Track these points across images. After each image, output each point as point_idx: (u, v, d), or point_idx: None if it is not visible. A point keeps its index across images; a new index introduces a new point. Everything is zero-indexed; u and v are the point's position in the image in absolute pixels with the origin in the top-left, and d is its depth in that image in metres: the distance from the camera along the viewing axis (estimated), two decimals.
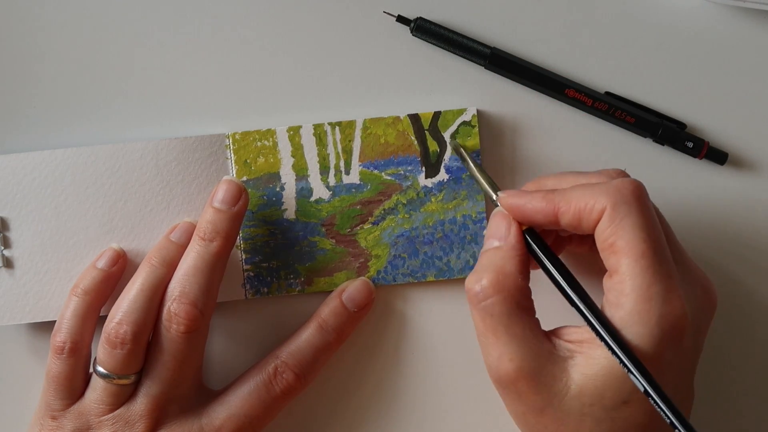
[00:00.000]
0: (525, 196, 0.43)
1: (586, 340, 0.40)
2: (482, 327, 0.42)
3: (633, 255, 0.39)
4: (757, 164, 0.50)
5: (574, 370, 0.40)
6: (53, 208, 0.49)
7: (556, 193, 0.42)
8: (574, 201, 0.41)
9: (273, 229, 0.49)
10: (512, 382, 0.41)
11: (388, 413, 0.50)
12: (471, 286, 0.42)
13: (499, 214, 0.44)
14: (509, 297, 0.41)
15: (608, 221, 0.40)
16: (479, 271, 0.42)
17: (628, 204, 0.40)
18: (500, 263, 0.42)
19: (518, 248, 0.42)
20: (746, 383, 0.50)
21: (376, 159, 0.49)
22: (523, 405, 0.41)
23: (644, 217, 0.40)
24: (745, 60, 0.50)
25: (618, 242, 0.40)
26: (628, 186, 0.41)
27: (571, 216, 0.41)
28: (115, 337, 0.44)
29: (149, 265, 0.46)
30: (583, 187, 0.42)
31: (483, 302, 0.41)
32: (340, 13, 0.50)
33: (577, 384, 0.40)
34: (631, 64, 0.50)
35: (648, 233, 0.40)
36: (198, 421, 0.46)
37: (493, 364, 0.41)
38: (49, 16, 0.50)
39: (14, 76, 0.50)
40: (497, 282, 0.41)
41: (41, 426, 0.46)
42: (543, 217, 0.42)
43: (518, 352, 0.40)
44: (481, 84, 0.49)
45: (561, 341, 0.41)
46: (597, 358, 0.40)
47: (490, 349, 0.41)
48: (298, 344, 0.48)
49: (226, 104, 0.50)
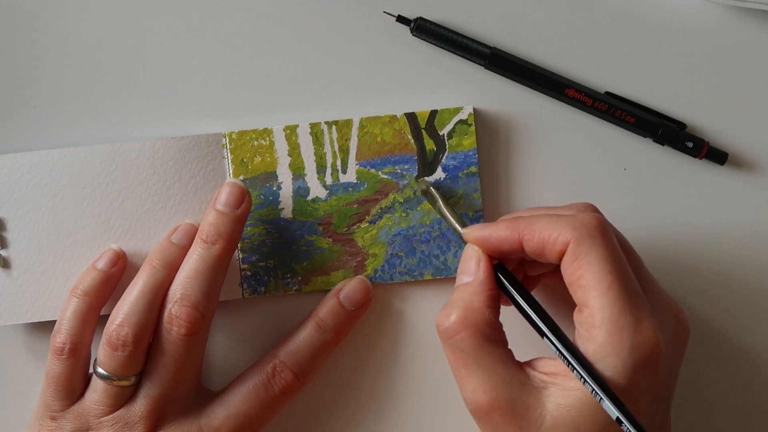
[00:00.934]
0: (489, 228, 0.44)
1: (560, 372, 0.41)
2: (453, 361, 0.43)
3: (600, 288, 0.40)
4: (757, 164, 0.51)
5: (548, 400, 0.41)
6: (50, 207, 0.49)
7: (520, 221, 0.43)
8: (537, 230, 0.42)
9: (270, 229, 0.50)
10: (487, 414, 0.42)
11: (386, 411, 0.51)
12: (441, 322, 0.43)
13: (468, 249, 0.45)
14: (477, 331, 0.42)
15: (573, 256, 0.41)
16: (449, 307, 0.43)
17: (592, 238, 0.41)
18: (468, 298, 0.43)
19: (487, 283, 0.43)
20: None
21: (372, 158, 0.50)
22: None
23: (608, 250, 0.41)
24: (745, 60, 0.50)
25: (584, 276, 0.41)
26: (592, 221, 0.42)
27: (535, 244, 0.42)
28: (116, 339, 0.45)
29: (150, 267, 0.47)
30: (548, 217, 0.43)
31: (452, 337, 0.42)
32: (339, 13, 0.50)
33: (552, 415, 0.40)
34: (631, 64, 0.50)
35: (613, 265, 0.41)
36: (197, 422, 0.46)
37: (468, 396, 0.42)
38: (47, 16, 0.50)
39: (13, 76, 0.50)
40: (465, 317, 0.42)
41: (40, 426, 0.46)
42: (509, 245, 0.43)
43: (490, 384, 0.41)
44: (481, 84, 0.50)
45: (535, 372, 0.42)
46: (571, 390, 0.40)
47: (464, 383, 0.42)
48: (296, 344, 0.48)
49: (223, 104, 0.50)
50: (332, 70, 0.50)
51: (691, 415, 0.50)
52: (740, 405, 0.51)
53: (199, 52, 0.50)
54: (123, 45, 0.50)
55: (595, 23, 0.50)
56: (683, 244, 0.50)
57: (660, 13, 0.50)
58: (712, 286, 0.51)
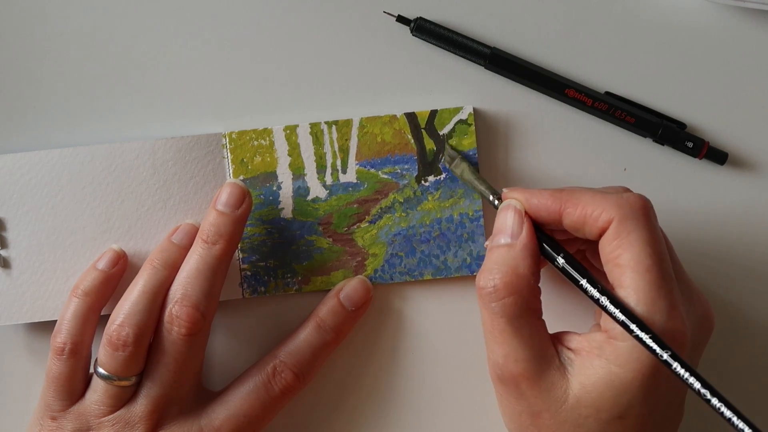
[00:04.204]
0: (530, 191, 0.44)
1: (585, 349, 0.42)
2: (490, 326, 0.43)
3: (638, 269, 0.41)
4: (757, 164, 0.52)
5: (573, 378, 0.42)
6: (50, 208, 0.51)
7: (563, 192, 0.44)
8: (581, 204, 0.43)
9: (270, 228, 0.51)
10: (515, 381, 0.43)
11: (386, 411, 0.52)
12: (484, 284, 0.43)
13: (510, 208, 0.44)
14: (521, 299, 0.42)
15: (614, 234, 0.42)
16: (491, 270, 0.43)
17: (636, 218, 0.42)
18: (513, 263, 0.43)
19: (531, 247, 0.43)
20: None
21: (372, 158, 0.51)
22: (521, 405, 0.43)
23: (650, 233, 0.42)
24: (745, 60, 0.51)
25: (623, 255, 0.41)
26: (637, 201, 0.42)
27: (576, 217, 0.43)
28: (116, 340, 0.46)
29: (151, 267, 0.48)
30: (593, 192, 0.43)
31: (494, 302, 0.42)
32: (339, 13, 0.51)
33: (575, 394, 0.42)
34: (631, 64, 0.51)
35: (654, 248, 0.41)
36: (197, 422, 0.48)
37: (498, 362, 0.43)
38: (47, 17, 0.51)
39: (13, 76, 0.51)
40: (510, 283, 0.42)
41: (41, 426, 0.47)
42: (548, 214, 0.43)
43: (524, 355, 0.42)
44: (481, 84, 0.51)
45: (562, 347, 0.43)
46: (595, 368, 0.41)
47: (497, 348, 0.43)
48: (297, 344, 0.50)
49: (223, 103, 0.51)
50: (332, 70, 0.51)
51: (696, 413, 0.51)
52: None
53: (199, 52, 0.51)
54: (123, 45, 0.51)
55: (595, 23, 0.51)
56: (683, 244, 0.51)
57: (660, 13, 0.51)
58: (712, 285, 0.52)
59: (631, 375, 0.41)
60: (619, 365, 0.41)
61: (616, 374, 0.41)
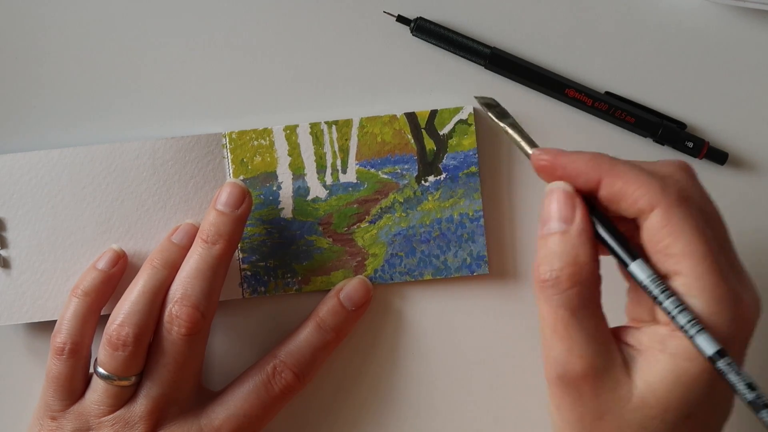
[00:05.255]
0: (566, 155, 0.41)
1: (645, 344, 0.40)
2: (552, 320, 0.40)
3: (695, 257, 0.38)
4: (757, 164, 0.52)
5: (637, 377, 0.39)
6: (50, 208, 0.51)
7: (605, 159, 0.40)
8: (623, 178, 0.40)
9: (270, 228, 0.52)
10: (576, 382, 0.40)
11: (385, 411, 0.53)
12: (544, 275, 0.40)
13: (560, 192, 0.41)
14: (585, 289, 0.39)
15: (662, 222, 0.39)
16: (550, 260, 0.40)
17: (685, 206, 0.39)
18: (573, 251, 0.40)
19: (588, 232, 0.40)
20: None
21: (372, 158, 0.51)
22: (582, 407, 0.40)
23: (700, 217, 0.39)
24: (745, 60, 0.52)
25: (675, 244, 0.39)
26: (681, 188, 0.40)
27: (615, 191, 0.40)
28: (116, 339, 0.46)
29: (151, 266, 0.48)
30: (639, 169, 0.40)
31: (557, 294, 0.39)
32: (340, 13, 0.52)
33: (640, 393, 0.39)
34: (631, 64, 0.52)
35: (706, 235, 0.39)
36: (197, 422, 0.48)
37: (559, 359, 0.40)
38: (47, 16, 0.52)
39: (13, 76, 0.52)
40: (573, 273, 0.39)
41: (41, 426, 0.48)
42: (584, 181, 0.40)
43: (589, 350, 0.39)
44: (481, 84, 0.51)
45: (622, 344, 0.41)
46: (660, 364, 0.39)
47: (558, 344, 0.40)
48: (297, 343, 0.50)
49: (223, 103, 0.52)
50: (332, 70, 0.52)
51: None
52: None
53: (199, 52, 0.52)
54: (123, 45, 0.52)
55: (595, 23, 0.51)
56: None
57: (660, 13, 0.51)
58: None
59: (701, 367, 0.38)
60: (686, 359, 0.39)
61: (684, 369, 0.39)
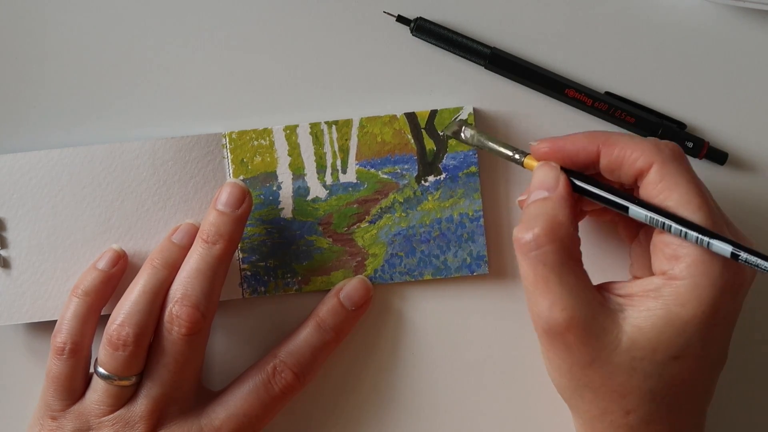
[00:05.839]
0: (562, 139, 0.45)
1: (636, 294, 0.43)
2: (533, 277, 0.43)
3: (691, 207, 0.42)
4: (757, 164, 0.52)
5: (625, 323, 0.42)
6: (50, 207, 0.51)
7: (598, 134, 0.44)
8: (619, 145, 0.43)
9: (270, 228, 0.52)
10: (562, 333, 0.42)
11: (386, 411, 0.53)
12: (521, 235, 0.43)
13: (543, 165, 0.45)
14: (562, 246, 0.43)
15: (659, 177, 0.43)
16: (529, 221, 0.43)
17: (678, 161, 0.43)
18: (551, 212, 0.43)
19: (568, 198, 0.44)
20: (745, 386, 0.53)
21: (372, 158, 0.52)
22: (570, 357, 0.43)
23: (692, 174, 0.43)
24: (745, 60, 0.52)
25: (671, 197, 0.42)
26: (675, 146, 0.44)
27: (614, 158, 0.44)
28: (116, 339, 0.47)
29: (151, 266, 0.48)
30: (630, 136, 0.44)
31: (535, 251, 0.43)
32: (339, 13, 0.52)
33: (629, 337, 0.42)
34: (631, 64, 0.52)
35: (700, 188, 0.43)
36: (197, 422, 0.48)
37: (543, 314, 0.43)
38: (47, 16, 0.52)
39: (13, 76, 0.52)
40: (550, 230, 0.43)
41: (41, 426, 0.48)
42: (585, 155, 0.44)
43: (570, 302, 0.42)
44: (481, 84, 0.52)
45: (610, 295, 0.44)
46: (651, 310, 0.42)
47: (540, 299, 0.43)
48: (297, 343, 0.50)
49: (223, 104, 0.52)
50: (332, 70, 0.52)
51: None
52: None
53: (199, 52, 0.52)
54: (123, 45, 0.52)
55: (595, 23, 0.52)
56: None
57: (660, 13, 0.51)
58: None
59: (692, 313, 0.41)
60: (679, 304, 0.42)
61: (675, 313, 0.41)
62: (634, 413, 0.43)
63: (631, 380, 0.42)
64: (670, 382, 0.42)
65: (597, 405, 0.43)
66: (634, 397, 0.42)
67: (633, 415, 0.43)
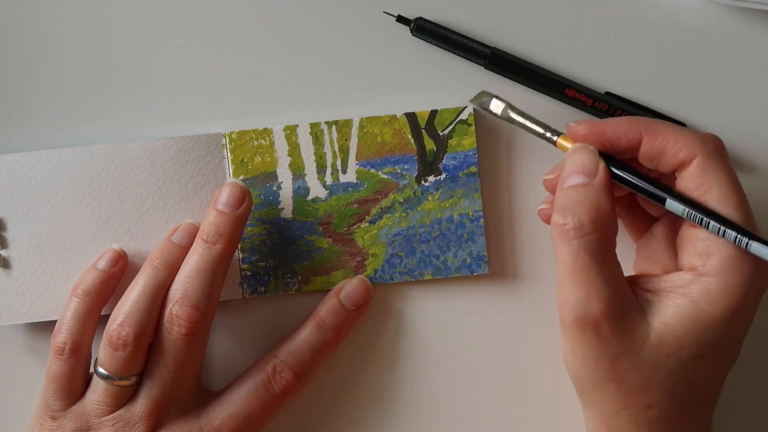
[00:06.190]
0: (605, 122, 0.44)
1: (665, 290, 0.43)
2: (572, 264, 0.42)
3: (730, 205, 0.42)
4: (757, 164, 0.52)
5: (653, 318, 0.42)
6: (50, 207, 0.51)
7: (641, 120, 0.44)
8: (662, 133, 0.43)
9: (270, 228, 0.52)
10: (595, 324, 0.42)
11: (386, 411, 0.53)
12: (565, 220, 0.42)
13: (582, 149, 0.44)
14: (606, 235, 0.42)
15: (700, 171, 0.42)
16: (571, 207, 0.42)
17: (720, 156, 0.43)
18: (595, 200, 0.42)
19: (609, 185, 0.43)
20: (749, 383, 0.53)
21: (372, 158, 0.52)
22: (599, 349, 0.42)
23: (732, 170, 0.43)
24: (745, 60, 0.52)
25: (712, 191, 0.42)
26: (717, 141, 0.43)
27: (657, 146, 0.43)
28: (116, 339, 0.47)
29: (151, 266, 0.48)
30: (673, 126, 0.44)
31: (579, 239, 0.42)
32: (339, 13, 0.52)
33: (657, 333, 0.42)
34: (631, 64, 0.52)
35: (739, 187, 0.43)
36: (197, 422, 0.48)
37: (578, 303, 0.42)
38: (47, 16, 0.52)
39: (13, 76, 0.52)
40: (595, 218, 0.42)
41: (41, 426, 0.48)
42: (627, 141, 0.44)
43: (608, 293, 0.42)
44: (481, 84, 0.51)
45: (638, 289, 0.44)
46: (679, 307, 0.42)
47: (577, 288, 0.42)
48: (297, 343, 0.50)
49: (223, 104, 0.52)
50: (332, 70, 0.52)
51: None
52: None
53: (199, 52, 0.52)
54: (123, 45, 0.52)
55: (595, 23, 0.52)
56: None
57: (660, 13, 0.52)
58: None
59: (720, 312, 0.42)
60: (708, 302, 0.42)
61: (703, 311, 0.42)
62: (655, 408, 0.43)
63: (655, 376, 0.42)
64: (692, 379, 0.43)
65: (619, 399, 0.43)
66: (656, 393, 0.42)
67: (653, 409, 0.43)
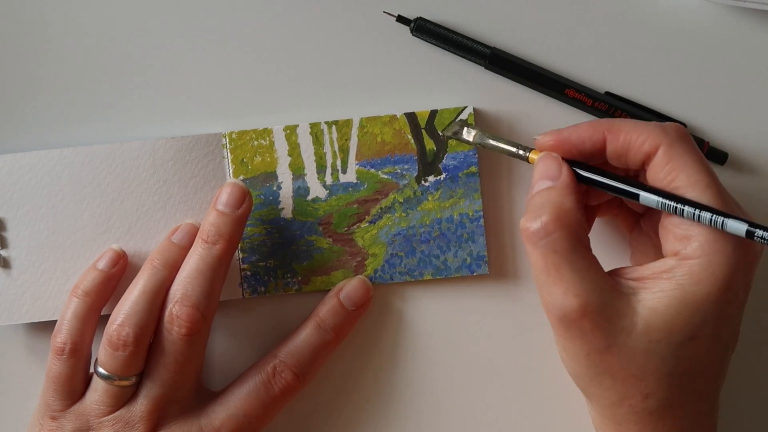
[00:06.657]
0: (566, 130, 0.45)
1: (649, 277, 0.43)
2: (543, 265, 0.43)
3: (699, 187, 0.42)
4: (757, 164, 0.52)
5: (639, 305, 0.42)
6: (50, 207, 0.51)
7: (602, 121, 0.45)
8: (624, 131, 0.44)
9: (270, 228, 0.52)
10: (577, 320, 0.42)
11: (386, 412, 0.53)
12: (529, 225, 0.43)
13: (545, 156, 0.45)
14: (572, 232, 0.43)
15: (666, 159, 0.43)
16: (535, 211, 0.43)
17: (684, 142, 0.43)
18: (558, 200, 0.43)
19: (572, 185, 0.44)
20: (745, 383, 0.53)
21: (372, 158, 0.52)
22: (587, 344, 0.43)
23: (699, 154, 0.43)
24: (745, 60, 0.52)
25: (679, 177, 0.43)
26: (679, 128, 0.44)
27: (620, 144, 0.44)
28: (117, 339, 0.47)
29: (151, 267, 0.48)
30: (634, 121, 0.44)
31: (544, 239, 0.43)
32: (339, 13, 0.52)
33: (644, 319, 0.42)
34: (631, 64, 0.52)
35: (707, 168, 0.43)
36: (197, 422, 0.48)
37: (557, 302, 0.43)
38: (47, 16, 0.52)
39: (13, 76, 0.52)
40: (558, 218, 0.43)
41: (41, 426, 0.48)
42: (591, 144, 0.44)
43: (583, 287, 0.42)
44: (481, 84, 0.52)
45: (622, 279, 0.44)
46: (665, 291, 0.42)
47: (553, 288, 0.43)
48: (297, 344, 0.50)
49: (223, 104, 0.52)
50: (332, 70, 0.52)
51: None
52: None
53: (199, 52, 0.52)
54: (123, 45, 0.52)
55: (595, 23, 0.52)
56: None
57: (660, 13, 0.52)
58: None
59: (707, 291, 0.42)
60: (694, 283, 0.42)
61: (690, 292, 0.42)
62: (653, 397, 0.43)
63: (648, 363, 0.42)
64: (687, 364, 0.43)
65: (615, 390, 0.43)
66: (652, 381, 0.43)
67: (652, 398, 0.43)
